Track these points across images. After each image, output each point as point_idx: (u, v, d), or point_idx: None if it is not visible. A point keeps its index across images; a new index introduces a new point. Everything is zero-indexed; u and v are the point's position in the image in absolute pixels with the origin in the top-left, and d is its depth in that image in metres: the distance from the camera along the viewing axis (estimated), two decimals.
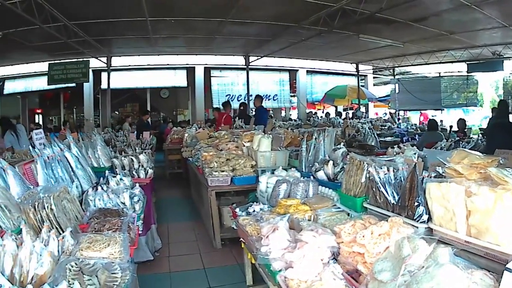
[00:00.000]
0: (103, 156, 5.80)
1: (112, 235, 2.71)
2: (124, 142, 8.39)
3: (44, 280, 2.11)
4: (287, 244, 2.78)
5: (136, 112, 22.88)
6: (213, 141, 8.11)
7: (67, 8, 10.17)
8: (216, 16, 11.40)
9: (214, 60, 18.96)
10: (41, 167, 3.99)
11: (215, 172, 5.93)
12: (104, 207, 3.76)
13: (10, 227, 2.81)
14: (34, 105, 22.70)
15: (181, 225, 7.47)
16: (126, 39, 14.43)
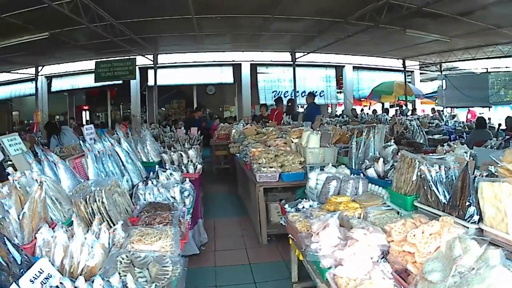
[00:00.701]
0: (152, 151, 5.92)
1: (163, 229, 2.75)
2: (172, 137, 8.51)
3: (94, 271, 2.16)
4: (337, 241, 2.75)
5: (182, 109, 23.38)
6: (260, 137, 8.15)
7: (113, 8, 10.46)
8: (262, 13, 11.41)
9: (260, 57, 19.00)
10: (92, 161, 4.13)
11: (263, 168, 5.95)
12: (154, 201, 3.81)
13: (61, 219, 2.89)
14: (81, 102, 23.68)
15: (227, 220, 7.59)
16: (172, 37, 14.67)
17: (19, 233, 2.30)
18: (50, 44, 13.48)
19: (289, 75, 19.01)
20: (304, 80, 19.53)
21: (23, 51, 14.37)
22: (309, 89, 19.05)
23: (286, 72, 19.41)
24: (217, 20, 11.93)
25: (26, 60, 16.89)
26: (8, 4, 9.17)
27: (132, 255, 2.35)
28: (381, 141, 5.33)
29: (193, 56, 18.54)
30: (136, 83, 18.86)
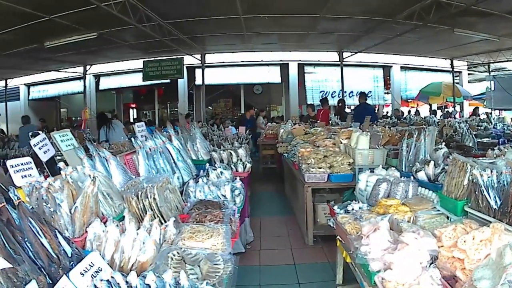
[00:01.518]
0: (201, 149, 5.99)
1: (215, 227, 2.76)
2: (221, 136, 8.57)
3: (145, 267, 2.18)
4: (387, 245, 2.71)
5: (229, 108, 23.61)
6: (309, 138, 8.12)
7: (161, 8, 10.77)
8: (310, 12, 11.43)
9: (307, 57, 18.99)
10: (143, 158, 4.24)
11: (312, 169, 5.93)
12: (204, 199, 3.85)
13: (111, 214, 2.95)
14: (129, 100, 24.46)
15: (273, 220, 7.65)
16: (220, 36, 14.89)
17: (70, 226, 2.34)
18: (98, 43, 14.06)
19: (337, 75, 18.96)
20: (351, 80, 19.32)
21: (72, 51, 14.99)
22: (356, 90, 19.06)
23: (334, 72, 19.31)
24: (264, 19, 12.07)
25: (74, 59, 17.61)
26: (58, 6, 9.57)
27: (183, 252, 2.36)
28: (431, 143, 5.20)
29: (240, 55, 18.74)
30: (183, 82, 19.27)
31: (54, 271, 1.78)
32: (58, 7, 9.77)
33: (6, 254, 1.62)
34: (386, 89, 21.06)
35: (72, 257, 1.88)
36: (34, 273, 1.67)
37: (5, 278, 1.53)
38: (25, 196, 2.34)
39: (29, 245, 1.81)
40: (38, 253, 1.80)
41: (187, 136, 6.02)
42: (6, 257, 1.60)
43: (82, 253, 1.98)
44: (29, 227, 1.85)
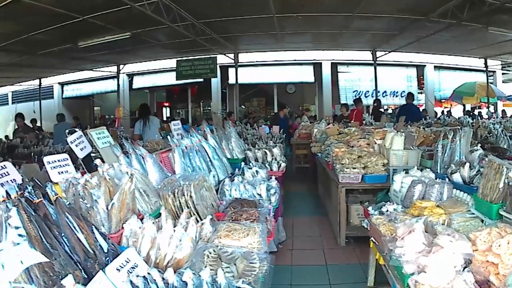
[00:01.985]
0: (236, 148, 6.03)
1: (251, 225, 2.75)
2: (255, 135, 8.58)
3: (181, 264, 2.19)
4: (422, 247, 2.67)
5: (262, 107, 23.62)
6: (343, 137, 8.06)
7: (194, 8, 10.88)
8: (343, 11, 11.35)
9: (341, 56, 18.86)
10: (179, 156, 4.32)
11: (346, 169, 5.89)
12: (240, 197, 3.85)
13: (148, 211, 2.97)
14: (162, 98, 24.84)
15: (306, 220, 7.63)
16: (253, 35, 14.95)
17: (106, 222, 2.37)
18: (131, 43, 14.32)
19: (370, 74, 18.75)
20: (384, 80, 19.07)
21: (106, 50, 15.32)
22: (390, 89, 19.08)
23: (367, 72, 19.09)
24: (297, 19, 12.01)
25: (108, 58, 18.05)
26: (91, 7, 9.79)
27: (219, 250, 2.38)
28: (467, 145, 5.08)
29: (273, 54, 18.73)
30: (217, 81, 19.45)
31: (90, 266, 1.79)
32: (91, 8, 9.98)
33: (43, 248, 1.64)
34: (420, 89, 20.62)
35: (108, 252, 1.90)
36: (70, 268, 1.69)
37: (41, 272, 1.55)
38: (62, 192, 2.38)
39: (65, 240, 1.83)
40: (75, 248, 1.82)
41: (222, 135, 6.08)
42: (43, 251, 1.62)
43: (118, 249, 2.00)
44: (66, 222, 1.87)
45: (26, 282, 1.52)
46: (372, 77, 18.42)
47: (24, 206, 1.73)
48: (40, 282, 1.53)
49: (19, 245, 1.58)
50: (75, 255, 1.80)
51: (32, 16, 9.95)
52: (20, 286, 1.51)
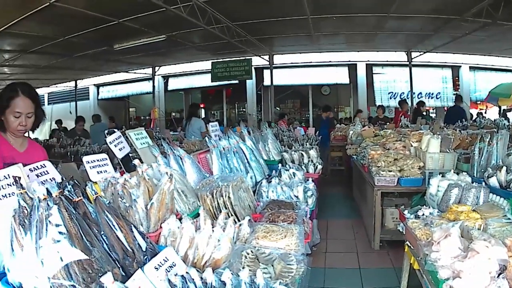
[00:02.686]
0: (273, 150, 6.11)
1: (289, 227, 2.76)
2: (291, 137, 8.58)
3: (219, 264, 2.20)
4: (458, 252, 2.63)
5: (297, 109, 23.54)
6: (378, 140, 8.04)
7: (229, 10, 11.01)
8: (378, 11, 11.25)
9: (375, 57, 18.74)
10: (217, 157, 4.38)
11: (382, 172, 5.88)
12: (277, 199, 3.87)
13: (185, 211, 3.01)
14: (197, 100, 24.90)
15: (340, 222, 7.66)
16: (288, 37, 14.98)
17: (145, 221, 2.40)
18: (167, 45, 14.60)
19: (405, 75, 18.48)
20: (419, 81, 18.74)
21: (141, 53, 15.70)
22: (425, 91, 18.84)
23: (402, 73, 18.86)
24: (332, 19, 11.98)
25: (143, 60, 18.43)
26: (127, 10, 10.04)
27: (257, 251, 2.39)
28: (504, 148, 4.97)
29: (308, 56, 18.80)
30: (252, 83, 19.67)
31: (128, 264, 1.81)
32: (127, 11, 10.24)
33: (83, 246, 1.66)
34: (455, 90, 20.00)
35: (146, 251, 1.91)
36: (109, 266, 1.71)
37: (80, 269, 1.57)
38: (100, 191, 2.42)
39: (105, 238, 1.85)
40: (114, 246, 1.84)
41: (258, 136, 6.14)
42: (83, 249, 1.64)
43: (156, 248, 2.01)
44: (105, 221, 1.89)
45: (65, 278, 1.54)
46: (407, 78, 18.16)
47: (65, 204, 1.76)
48: (79, 279, 1.54)
49: (59, 243, 1.60)
50: (114, 253, 1.83)
51: (69, 19, 10.27)
52: (59, 282, 1.53)
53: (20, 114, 3.00)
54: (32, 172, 2.27)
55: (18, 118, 3.00)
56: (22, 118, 3.01)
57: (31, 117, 3.07)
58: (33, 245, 1.65)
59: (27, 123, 3.05)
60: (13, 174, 1.98)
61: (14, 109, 2.98)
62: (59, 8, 9.18)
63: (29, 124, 3.09)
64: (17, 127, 3.03)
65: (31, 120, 3.09)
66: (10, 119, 3.00)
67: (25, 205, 1.78)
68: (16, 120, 3.00)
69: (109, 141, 3.42)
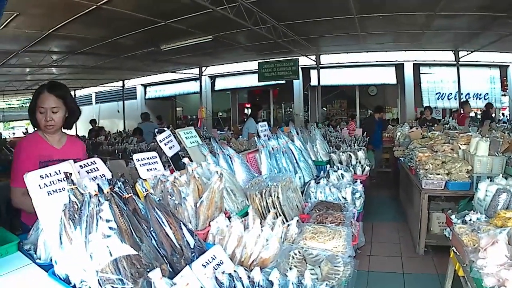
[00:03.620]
0: (321, 150, 6.07)
1: (337, 229, 2.75)
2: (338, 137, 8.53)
3: (266, 263, 2.20)
4: (504, 260, 2.58)
5: (344, 109, 23.48)
6: (426, 142, 7.93)
7: (275, 10, 11.06)
8: (424, 10, 11.01)
9: (423, 56, 18.36)
10: (266, 157, 4.41)
11: (430, 175, 5.82)
12: (325, 200, 3.85)
13: (234, 210, 3.03)
14: (243, 100, 25.44)
15: (385, 225, 7.66)
16: (334, 37, 14.90)
17: (193, 219, 2.44)
18: (213, 46, 14.81)
19: (452, 75, 18.03)
20: (467, 81, 18.14)
21: (188, 53, 15.98)
22: (473, 91, 18.24)
23: (449, 73, 18.36)
24: (379, 19, 11.82)
25: (190, 61, 18.78)
26: (173, 11, 10.26)
27: (305, 252, 2.39)
28: None
29: (355, 56, 18.65)
30: (298, 83, 19.71)
31: (176, 260, 1.84)
32: (173, 13, 10.43)
33: (132, 241, 1.70)
34: (503, 91, 19.32)
35: (194, 248, 1.93)
36: (157, 261, 1.75)
37: (129, 264, 1.60)
38: (150, 188, 2.46)
39: (154, 234, 1.89)
40: (162, 242, 1.87)
41: (307, 137, 6.12)
42: (132, 244, 1.68)
43: (204, 245, 2.03)
44: (155, 218, 1.93)
45: (113, 272, 1.58)
46: (455, 78, 17.74)
47: (116, 200, 1.81)
48: (127, 274, 1.58)
49: (109, 238, 1.65)
50: (162, 249, 1.86)
51: (116, 22, 10.60)
52: (107, 276, 1.57)
53: (44, 110, 3.13)
54: (82, 168, 2.33)
55: (43, 114, 3.14)
56: (48, 113, 3.14)
57: (57, 113, 3.18)
58: (82, 239, 1.70)
59: (54, 118, 3.17)
60: (64, 170, 2.05)
61: (39, 105, 3.13)
62: (105, 11, 9.48)
63: (57, 120, 3.21)
64: (45, 123, 3.16)
65: (57, 115, 3.20)
66: (38, 117, 3.15)
67: (76, 200, 1.85)
68: (42, 116, 3.14)
69: (159, 139, 3.51)
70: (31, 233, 2.31)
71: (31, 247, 2.22)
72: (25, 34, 11.09)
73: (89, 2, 8.89)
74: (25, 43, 12.28)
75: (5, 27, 9.62)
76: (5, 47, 12.29)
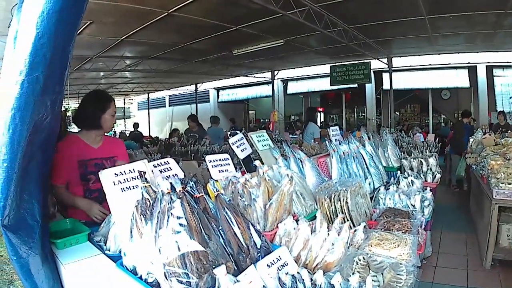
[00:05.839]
0: (392, 156, 6.02)
1: (403, 236, 2.72)
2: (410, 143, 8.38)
3: (330, 267, 2.22)
4: None
5: (416, 114, 23.05)
6: (499, 149, 7.65)
7: (345, 13, 10.95)
8: (495, 8, 10.47)
9: (496, 58, 17.46)
10: (336, 161, 4.43)
11: (501, 184, 5.59)
12: (393, 206, 3.82)
13: (302, 213, 3.08)
14: (316, 104, 25.44)
15: (453, 236, 7.46)
16: (405, 39, 14.54)
17: (262, 220, 2.51)
18: (285, 50, 14.95)
19: None
20: None
21: (260, 57, 16.18)
22: None
23: None
24: (450, 19, 11.39)
25: (262, 65, 19.04)
26: (244, 17, 10.46)
27: (369, 258, 2.38)
28: None
29: (427, 58, 18.17)
30: (371, 87, 19.50)
31: (241, 259, 1.90)
32: (244, 18, 10.62)
33: (200, 238, 1.77)
34: None
35: (260, 249, 1.98)
36: (223, 259, 1.81)
37: (196, 259, 1.67)
38: (221, 189, 2.55)
39: (222, 233, 1.96)
40: (230, 241, 1.94)
41: (378, 142, 6.09)
42: (200, 241, 1.75)
43: (270, 246, 2.08)
44: (224, 217, 2.01)
45: (180, 267, 1.64)
46: None
47: (188, 199, 1.89)
48: (193, 268, 1.64)
49: (179, 233, 1.73)
50: (229, 248, 1.93)
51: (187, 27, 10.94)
52: (173, 269, 1.65)
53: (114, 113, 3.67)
54: (156, 168, 2.44)
55: (113, 116, 3.64)
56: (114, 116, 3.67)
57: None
58: (152, 234, 1.80)
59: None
60: (138, 168, 2.19)
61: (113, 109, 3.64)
62: (177, 18, 9.82)
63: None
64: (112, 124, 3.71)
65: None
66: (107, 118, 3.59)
67: (148, 197, 1.96)
68: (112, 119, 3.64)
69: (232, 142, 3.65)
70: (102, 226, 2.51)
71: (101, 239, 2.40)
72: (99, 41, 11.69)
73: (161, 9, 9.25)
74: (99, 49, 12.95)
75: (79, 34, 10.07)
76: (80, 52, 12.90)
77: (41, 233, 2.14)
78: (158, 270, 1.72)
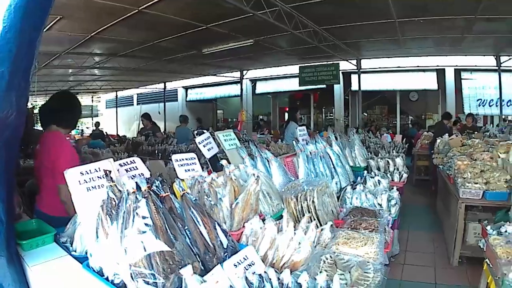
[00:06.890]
0: (359, 156, 6.08)
1: (370, 235, 2.76)
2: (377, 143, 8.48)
3: (297, 266, 2.24)
4: None
5: (384, 115, 23.38)
6: (466, 150, 7.75)
7: (315, 15, 11.01)
8: (465, 13, 10.68)
9: (464, 61, 17.81)
10: (303, 161, 4.45)
11: (468, 184, 5.70)
12: (360, 206, 3.86)
13: (269, 212, 3.10)
14: (284, 104, 25.68)
15: (421, 234, 7.58)
16: (375, 41, 14.74)
17: (228, 220, 2.51)
18: (254, 50, 14.89)
19: (494, 81, 17.39)
20: (509, 87, 17.38)
21: (229, 57, 16.13)
22: None
23: (491, 79, 17.69)
24: (419, 23, 11.57)
25: (231, 64, 19.05)
26: (214, 15, 10.39)
27: (336, 257, 2.41)
28: None
29: (396, 61, 18.39)
30: (339, 88, 19.55)
31: (208, 259, 1.89)
32: (215, 17, 10.55)
33: (166, 238, 1.76)
34: None
35: (227, 248, 1.98)
36: (189, 259, 1.79)
37: (162, 259, 1.66)
38: (187, 188, 2.53)
39: (188, 232, 1.95)
40: (196, 241, 1.93)
41: (345, 142, 6.14)
42: (166, 241, 1.73)
43: (237, 246, 2.08)
44: (190, 217, 1.99)
45: (146, 267, 1.63)
46: (496, 84, 17.19)
47: (153, 198, 1.87)
48: (159, 269, 1.63)
49: (144, 233, 1.71)
50: (196, 247, 1.91)
51: (157, 25, 10.85)
52: (139, 270, 1.63)
53: None
54: (122, 167, 2.41)
55: None
56: None
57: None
58: (118, 234, 1.77)
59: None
60: (104, 168, 2.15)
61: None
62: (148, 15, 9.69)
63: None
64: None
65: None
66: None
67: (114, 197, 1.94)
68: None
69: (198, 141, 3.61)
70: (68, 226, 2.44)
71: (67, 240, 2.35)
72: (69, 37, 11.44)
73: (131, 6, 9.12)
74: (68, 45, 12.67)
75: (48, 30, 9.90)
76: (49, 48, 12.63)
77: (6, 234, 2.07)
78: (124, 271, 1.70)
